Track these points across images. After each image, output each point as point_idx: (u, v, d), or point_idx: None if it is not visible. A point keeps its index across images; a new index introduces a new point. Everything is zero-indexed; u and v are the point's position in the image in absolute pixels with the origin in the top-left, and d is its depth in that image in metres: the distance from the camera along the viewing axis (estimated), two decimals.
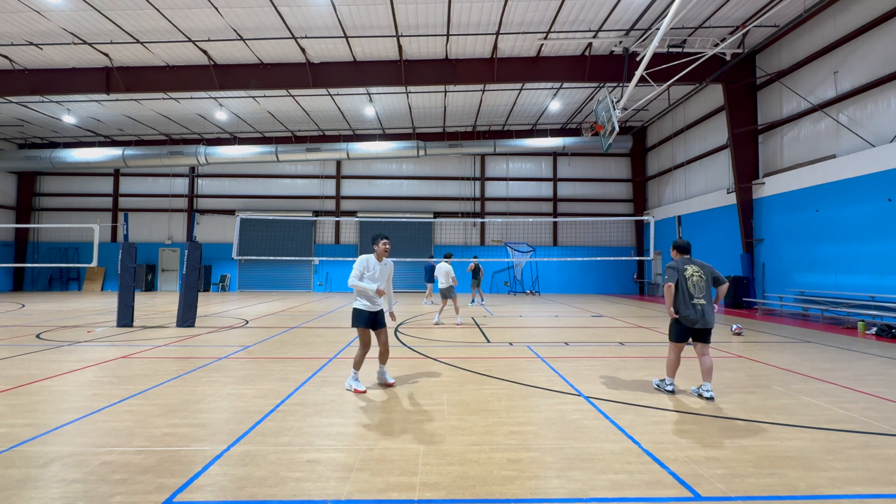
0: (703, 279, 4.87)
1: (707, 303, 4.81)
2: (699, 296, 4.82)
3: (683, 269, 4.90)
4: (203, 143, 22.96)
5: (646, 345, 8.23)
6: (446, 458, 3.30)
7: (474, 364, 6.46)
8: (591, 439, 3.66)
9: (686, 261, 5.01)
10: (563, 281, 24.20)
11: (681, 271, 4.90)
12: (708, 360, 4.86)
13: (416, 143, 20.91)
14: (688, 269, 4.91)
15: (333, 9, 12.71)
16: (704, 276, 4.88)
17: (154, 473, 3.03)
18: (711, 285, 4.91)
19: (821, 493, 2.83)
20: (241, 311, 13.96)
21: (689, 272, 4.88)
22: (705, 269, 4.94)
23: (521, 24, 13.78)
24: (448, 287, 10.92)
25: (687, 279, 4.86)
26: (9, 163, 21.63)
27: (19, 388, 5.07)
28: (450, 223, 24.43)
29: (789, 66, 14.16)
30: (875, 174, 11.21)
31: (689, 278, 4.86)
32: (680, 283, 4.87)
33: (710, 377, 4.85)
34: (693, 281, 4.85)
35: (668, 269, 4.97)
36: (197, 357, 6.87)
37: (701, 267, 4.94)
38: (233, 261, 23.39)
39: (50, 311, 13.34)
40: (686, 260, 5.03)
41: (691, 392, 4.98)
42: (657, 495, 2.78)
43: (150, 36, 14.03)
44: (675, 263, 5.00)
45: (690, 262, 4.99)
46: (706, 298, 4.83)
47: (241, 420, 4.08)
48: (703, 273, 4.90)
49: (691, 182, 19.89)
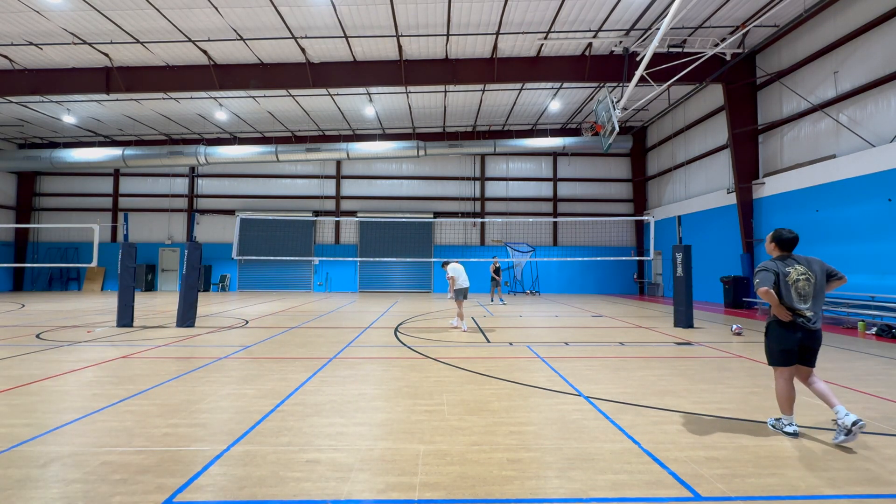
0: (813, 282, 3.67)
1: (816, 314, 3.68)
2: (806, 305, 3.67)
3: (785, 273, 3.70)
4: (203, 143, 22.95)
5: (646, 345, 8.23)
6: (446, 458, 3.30)
7: (474, 364, 6.46)
8: (591, 439, 3.66)
9: (787, 260, 3.79)
10: (563, 281, 24.20)
11: (781, 275, 3.71)
12: (818, 382, 3.77)
13: (416, 143, 20.92)
14: (790, 271, 3.70)
15: (333, 9, 12.71)
16: (814, 278, 3.68)
17: (154, 473, 3.03)
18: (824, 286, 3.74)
19: (821, 493, 2.83)
20: (240, 311, 13.96)
21: (794, 276, 3.68)
22: (814, 266, 3.73)
23: (521, 24, 13.78)
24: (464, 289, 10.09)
25: (790, 285, 3.67)
26: (9, 163, 21.64)
27: (19, 388, 5.07)
28: (450, 223, 24.44)
29: (789, 66, 14.16)
30: (875, 174, 11.21)
31: (794, 284, 3.67)
32: (781, 291, 3.69)
33: (834, 398, 3.65)
34: (799, 287, 3.67)
35: (762, 271, 3.75)
36: (197, 357, 6.87)
37: (808, 265, 3.72)
38: (233, 261, 23.39)
39: (50, 311, 13.34)
40: (787, 259, 3.79)
41: (835, 438, 3.56)
42: (657, 495, 2.78)
43: (150, 36, 14.03)
44: (771, 265, 3.77)
45: (793, 260, 3.77)
46: (816, 307, 3.68)
47: (241, 420, 4.08)
48: (812, 273, 3.69)
49: (691, 182, 19.89)
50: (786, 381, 3.80)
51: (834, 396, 3.64)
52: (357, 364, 6.48)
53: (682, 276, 10.61)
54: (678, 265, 10.68)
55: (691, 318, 10.50)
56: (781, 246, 3.83)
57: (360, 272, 24.42)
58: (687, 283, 10.50)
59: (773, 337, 3.82)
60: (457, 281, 10.00)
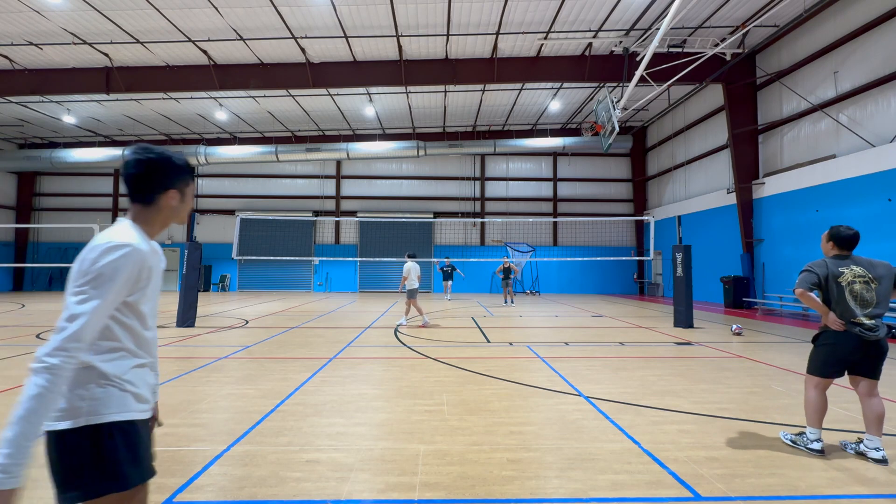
0: (873, 285, 3.31)
1: (878, 323, 3.28)
2: (866, 311, 3.28)
3: (838, 273, 3.34)
4: (203, 143, 22.96)
5: (646, 345, 8.23)
6: (446, 458, 3.30)
7: (474, 364, 6.46)
8: (591, 439, 3.66)
9: (843, 259, 3.42)
10: (563, 281, 24.20)
11: (831, 276, 3.35)
12: (878, 402, 3.33)
13: (416, 143, 20.92)
14: (845, 272, 3.33)
15: (333, 9, 12.71)
16: (877, 281, 3.32)
17: None
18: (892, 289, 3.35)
19: (821, 493, 2.83)
20: (240, 311, 13.96)
21: (848, 277, 3.32)
22: (878, 269, 3.35)
23: (521, 24, 13.78)
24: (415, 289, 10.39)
25: (845, 287, 3.32)
26: (9, 163, 21.65)
27: (19, 389, 5.07)
28: (450, 223, 24.44)
29: (789, 66, 14.16)
30: (875, 174, 11.21)
31: (849, 286, 3.31)
32: (832, 294, 3.35)
33: (881, 428, 3.30)
34: (855, 290, 3.30)
35: (805, 271, 3.41)
36: (197, 357, 6.87)
37: (870, 268, 3.36)
38: (233, 261, 23.38)
39: (50, 311, 13.33)
40: (844, 258, 3.43)
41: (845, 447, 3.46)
42: (657, 495, 2.78)
43: (150, 36, 14.03)
44: (819, 264, 3.41)
45: (851, 260, 3.41)
46: (879, 313, 3.29)
47: (241, 420, 4.08)
48: (874, 276, 3.33)
49: (691, 182, 19.89)
50: (821, 392, 3.45)
51: (881, 426, 3.30)
52: (357, 364, 6.48)
53: (682, 276, 10.61)
54: (678, 265, 10.69)
55: (691, 318, 10.50)
56: (840, 244, 3.44)
57: (360, 272, 24.42)
58: (687, 283, 10.51)
59: (821, 346, 3.46)
60: (407, 280, 10.30)
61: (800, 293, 3.36)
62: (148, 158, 1.51)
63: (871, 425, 3.31)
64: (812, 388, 3.49)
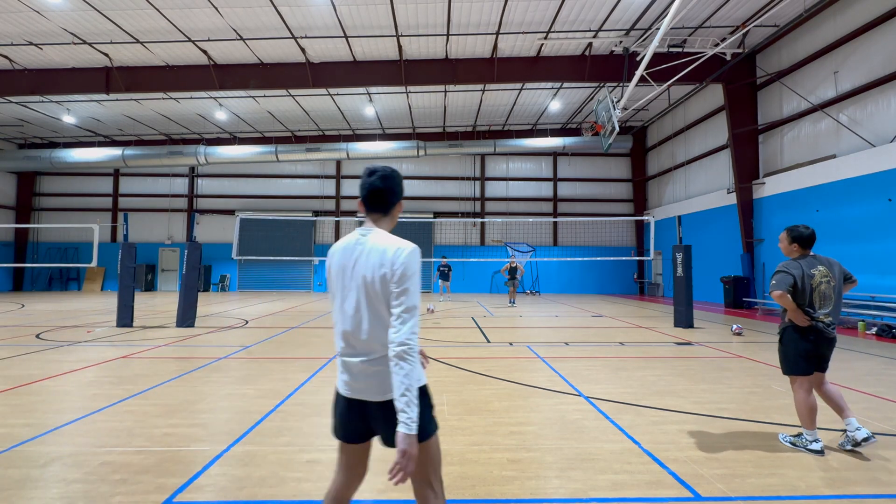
0: (832, 283, 3.45)
1: (835, 318, 3.47)
2: (826, 310, 3.44)
3: (809, 275, 3.43)
4: (203, 142, 22.94)
5: (646, 345, 8.23)
6: (446, 458, 3.29)
7: (474, 364, 6.46)
8: (591, 439, 3.66)
9: (810, 260, 3.51)
10: (563, 281, 24.20)
11: (806, 277, 3.43)
12: (831, 387, 3.60)
13: (416, 142, 20.91)
14: (815, 273, 3.44)
15: (333, 8, 12.70)
16: (835, 281, 3.46)
17: (154, 473, 3.03)
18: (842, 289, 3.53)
19: (821, 493, 2.83)
20: (240, 311, 13.96)
21: (818, 278, 3.43)
22: (834, 268, 3.50)
23: (521, 24, 13.78)
24: None
25: (814, 288, 3.42)
26: (9, 163, 21.63)
27: (19, 388, 5.07)
28: (450, 223, 24.43)
29: (789, 66, 14.16)
30: (875, 174, 11.21)
31: (817, 287, 3.42)
32: (804, 294, 3.43)
33: (847, 406, 3.51)
34: (822, 290, 3.42)
35: (781, 273, 3.47)
36: (197, 357, 6.87)
37: (829, 267, 3.49)
38: (233, 261, 23.36)
39: (50, 311, 13.33)
40: (811, 259, 3.52)
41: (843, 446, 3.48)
42: (657, 495, 2.78)
43: (150, 36, 14.03)
44: (794, 265, 3.48)
45: (816, 261, 3.51)
46: (836, 311, 3.47)
47: (241, 420, 4.08)
48: (833, 276, 3.46)
49: (691, 182, 19.88)
50: (806, 392, 3.50)
51: (847, 405, 3.50)
52: None
53: (682, 276, 10.61)
54: (678, 265, 10.68)
55: (691, 318, 10.50)
56: (804, 245, 3.54)
57: None
58: (687, 283, 10.50)
59: (790, 344, 3.55)
60: None
61: (779, 295, 3.42)
62: (392, 177, 1.96)
63: (840, 409, 3.50)
64: (799, 389, 3.53)
